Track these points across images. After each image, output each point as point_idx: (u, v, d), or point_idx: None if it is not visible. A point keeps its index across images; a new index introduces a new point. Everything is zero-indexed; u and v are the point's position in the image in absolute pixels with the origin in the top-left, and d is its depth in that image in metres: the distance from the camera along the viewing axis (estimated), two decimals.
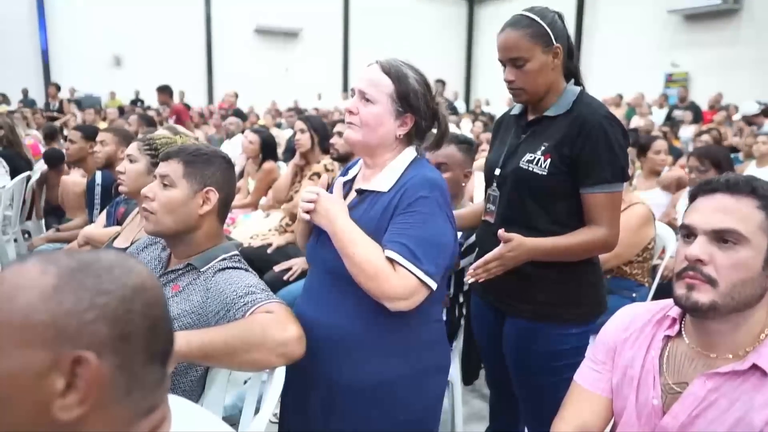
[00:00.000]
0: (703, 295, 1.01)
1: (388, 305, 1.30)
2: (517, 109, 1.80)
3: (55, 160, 4.33)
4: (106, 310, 0.62)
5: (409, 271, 1.28)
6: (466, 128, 8.10)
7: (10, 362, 0.60)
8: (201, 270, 1.47)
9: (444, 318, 1.87)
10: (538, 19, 1.59)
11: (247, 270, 1.49)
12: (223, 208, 1.54)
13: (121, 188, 2.25)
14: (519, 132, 1.74)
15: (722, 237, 1.01)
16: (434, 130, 1.50)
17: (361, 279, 1.29)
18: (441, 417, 1.54)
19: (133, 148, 2.23)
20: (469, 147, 2.39)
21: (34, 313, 0.60)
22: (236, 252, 1.54)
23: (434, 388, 1.48)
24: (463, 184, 2.46)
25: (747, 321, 1.03)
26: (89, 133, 3.57)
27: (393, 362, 1.39)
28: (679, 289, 1.04)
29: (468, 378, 2.72)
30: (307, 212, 1.41)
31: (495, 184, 1.74)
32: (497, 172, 1.73)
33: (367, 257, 1.29)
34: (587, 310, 1.70)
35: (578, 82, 1.71)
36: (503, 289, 1.68)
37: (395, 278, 1.28)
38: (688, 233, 1.06)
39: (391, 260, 1.29)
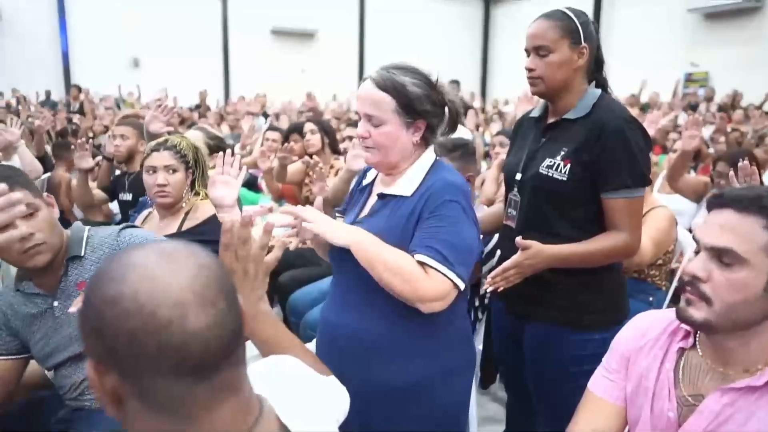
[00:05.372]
0: (697, 312, 1.00)
1: (422, 307, 1.30)
2: (536, 111, 1.78)
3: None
4: (92, 323, 0.63)
5: (442, 273, 1.29)
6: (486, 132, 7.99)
7: None
8: (82, 255, 1.55)
9: None
10: (572, 15, 1.61)
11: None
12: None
13: (165, 200, 2.17)
14: (538, 136, 1.73)
15: (722, 255, 0.98)
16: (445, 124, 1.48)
17: (395, 283, 1.29)
18: None
19: (168, 159, 2.17)
20: (463, 151, 2.33)
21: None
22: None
23: (463, 385, 1.49)
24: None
25: (759, 337, 1.01)
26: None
27: (422, 362, 1.40)
28: (681, 302, 1.04)
29: (485, 382, 2.71)
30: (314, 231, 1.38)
31: (516, 189, 1.73)
32: (518, 177, 1.72)
33: (399, 263, 1.29)
34: (607, 316, 1.67)
35: (604, 89, 1.69)
36: (523, 293, 1.66)
37: (429, 281, 1.29)
38: (697, 246, 1.04)
39: (422, 264, 1.30)
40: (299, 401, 0.80)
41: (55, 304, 1.58)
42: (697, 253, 1.04)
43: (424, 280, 1.28)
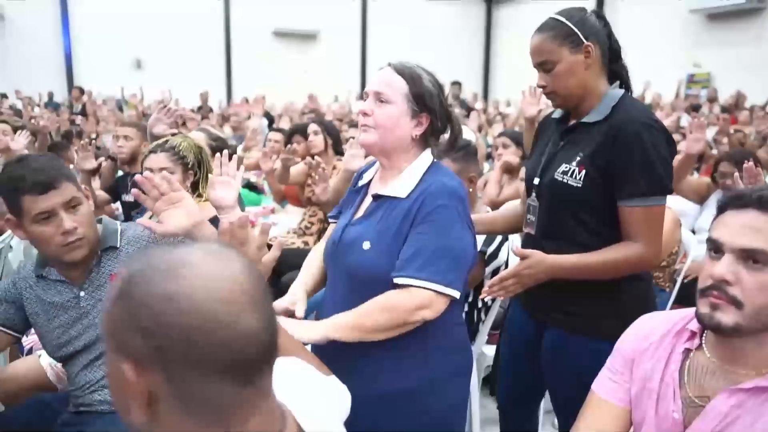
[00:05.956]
0: (727, 317, 0.97)
1: (414, 318, 1.31)
2: (558, 112, 1.73)
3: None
4: (138, 322, 0.60)
5: (419, 287, 1.29)
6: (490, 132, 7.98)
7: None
8: (118, 246, 1.59)
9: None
10: (563, 19, 1.55)
11: None
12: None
13: None
14: (557, 139, 1.67)
15: (750, 257, 0.95)
16: (447, 134, 1.49)
17: (382, 317, 1.30)
18: None
19: (164, 161, 2.17)
20: (465, 152, 2.32)
21: (106, 320, 0.64)
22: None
23: (457, 391, 1.48)
24: (470, 190, 2.42)
25: None
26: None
27: (415, 368, 1.39)
28: (703, 308, 1.00)
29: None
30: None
31: (534, 194, 1.68)
32: (536, 181, 1.67)
33: (375, 303, 1.30)
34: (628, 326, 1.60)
35: (627, 86, 1.63)
36: (541, 298, 1.62)
37: (407, 294, 1.30)
38: (715, 248, 1.01)
39: (402, 286, 1.31)
40: (310, 404, 0.80)
41: (82, 294, 1.59)
42: (714, 254, 1.01)
43: (404, 297, 1.30)
